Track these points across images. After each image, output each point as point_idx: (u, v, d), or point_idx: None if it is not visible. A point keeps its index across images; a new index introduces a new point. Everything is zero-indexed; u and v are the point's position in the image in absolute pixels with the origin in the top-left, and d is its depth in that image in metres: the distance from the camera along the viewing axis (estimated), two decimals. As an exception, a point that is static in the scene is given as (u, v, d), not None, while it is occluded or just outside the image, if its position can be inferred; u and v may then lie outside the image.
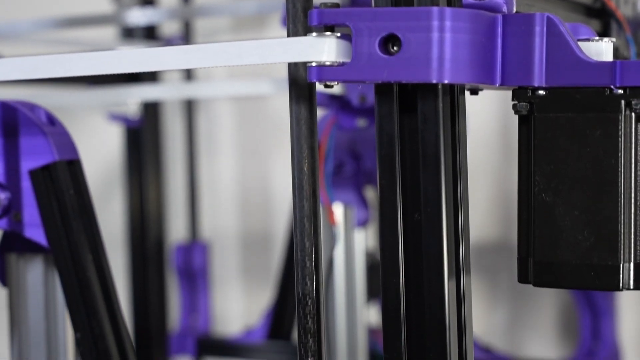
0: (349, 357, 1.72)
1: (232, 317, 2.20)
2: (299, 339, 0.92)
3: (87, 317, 1.09)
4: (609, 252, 0.84)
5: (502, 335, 1.95)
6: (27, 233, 1.11)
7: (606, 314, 1.73)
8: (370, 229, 1.81)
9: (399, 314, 0.87)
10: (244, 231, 2.21)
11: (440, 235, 0.86)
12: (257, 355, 1.95)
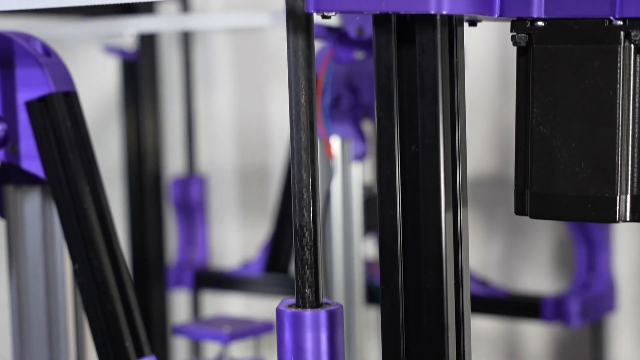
0: (346, 289, 1.73)
1: (230, 250, 2.22)
2: (296, 270, 0.93)
3: (85, 249, 1.10)
4: (605, 184, 0.84)
5: (498, 268, 1.96)
6: (24, 165, 1.11)
7: (602, 247, 1.74)
8: (367, 162, 1.81)
9: (396, 245, 0.88)
10: (241, 164, 2.21)
11: (437, 167, 0.86)
12: (255, 288, 1.96)
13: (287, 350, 0.93)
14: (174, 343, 2.10)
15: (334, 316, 0.92)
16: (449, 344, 0.87)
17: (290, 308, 0.93)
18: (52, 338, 1.17)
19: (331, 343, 0.92)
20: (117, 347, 1.09)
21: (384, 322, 0.88)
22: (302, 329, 0.92)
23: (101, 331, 1.10)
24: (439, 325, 0.87)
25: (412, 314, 0.88)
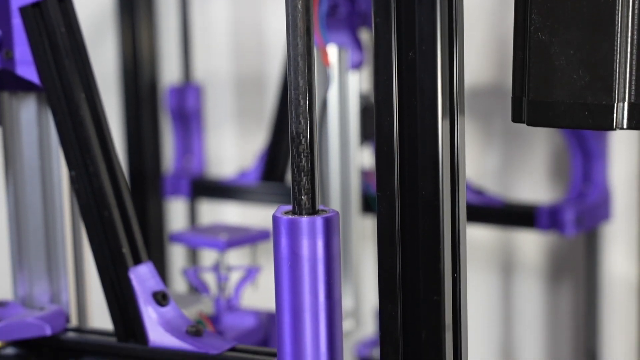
0: (342, 198, 1.74)
1: (226, 159, 2.22)
2: (292, 177, 0.93)
3: (81, 155, 1.10)
4: (603, 92, 0.84)
5: (494, 177, 1.97)
6: (19, 71, 1.10)
7: (598, 157, 1.75)
8: (364, 71, 1.80)
9: (392, 152, 0.87)
10: (237, 73, 2.20)
11: (434, 73, 0.86)
12: (251, 196, 1.97)
13: (283, 257, 0.93)
14: (171, 251, 2.11)
15: (330, 223, 0.93)
16: (444, 251, 0.88)
17: (286, 215, 0.93)
18: (50, 245, 1.18)
19: (327, 250, 0.93)
20: (115, 253, 1.10)
21: (380, 228, 0.89)
22: (299, 236, 0.92)
23: (98, 238, 1.10)
24: (435, 233, 0.87)
25: (408, 221, 0.88)
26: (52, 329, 1.12)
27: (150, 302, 1.09)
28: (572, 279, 1.94)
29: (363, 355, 1.89)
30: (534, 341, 1.99)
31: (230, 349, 1.07)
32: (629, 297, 1.89)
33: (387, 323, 0.89)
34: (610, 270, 1.89)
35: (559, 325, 1.97)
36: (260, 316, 1.44)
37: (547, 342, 1.98)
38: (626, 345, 1.91)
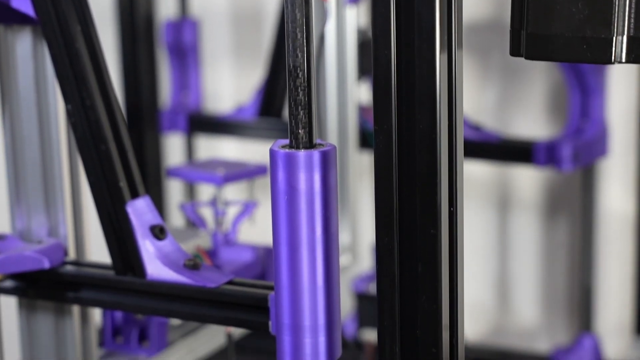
0: (339, 134, 1.74)
1: (223, 94, 2.21)
2: (289, 111, 0.93)
3: (77, 89, 1.09)
4: (602, 25, 0.83)
5: (491, 113, 1.97)
6: (14, 4, 1.10)
7: (596, 92, 1.74)
8: (362, 5, 1.79)
9: (390, 86, 0.87)
10: (234, 7, 2.18)
11: (433, 6, 0.85)
12: (248, 132, 1.96)
13: (280, 191, 0.93)
14: (168, 185, 2.12)
15: (327, 157, 0.93)
16: (441, 185, 0.88)
17: (283, 149, 0.93)
18: (47, 178, 1.18)
19: (324, 184, 0.93)
20: (112, 187, 1.10)
21: (377, 162, 0.89)
22: (296, 170, 0.92)
23: (95, 171, 1.10)
24: (432, 166, 0.87)
25: (405, 155, 0.88)
26: (50, 262, 1.13)
27: (147, 236, 1.09)
28: (568, 214, 1.95)
29: (360, 290, 1.90)
30: (530, 276, 2.00)
31: (227, 282, 1.07)
32: (625, 233, 1.90)
33: (383, 256, 0.90)
34: (606, 205, 1.90)
35: (554, 261, 1.98)
36: (257, 251, 1.45)
37: (542, 277, 1.99)
38: (621, 281, 1.92)
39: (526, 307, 2.01)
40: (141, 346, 1.32)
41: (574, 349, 1.85)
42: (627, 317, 1.90)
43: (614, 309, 1.93)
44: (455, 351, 0.91)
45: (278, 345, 0.96)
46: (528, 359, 1.90)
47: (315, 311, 0.94)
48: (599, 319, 1.93)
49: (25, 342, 1.23)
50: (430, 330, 0.89)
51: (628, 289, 1.90)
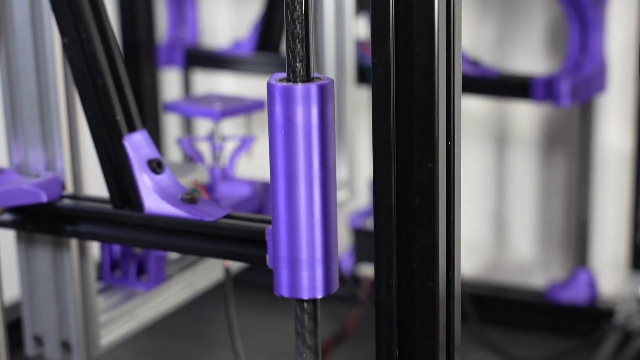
0: (337, 69, 1.73)
1: (221, 28, 2.19)
2: (287, 44, 0.92)
3: (73, 22, 1.08)
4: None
5: (490, 49, 1.96)
6: None
7: (595, 27, 1.73)
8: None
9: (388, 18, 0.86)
10: (231, -59, 2.16)
11: (431, -62, 0.84)
12: (246, 67, 1.96)
13: (277, 125, 0.93)
14: (165, 120, 2.11)
15: (325, 90, 0.93)
16: (439, 119, 0.87)
17: (281, 82, 0.93)
18: (44, 112, 1.17)
19: (322, 117, 0.93)
20: (109, 120, 1.10)
21: (375, 96, 0.88)
22: (293, 103, 0.92)
23: (92, 105, 1.10)
24: (430, 99, 0.87)
25: (402, 88, 0.88)
26: (47, 196, 1.13)
27: (145, 170, 1.09)
28: (566, 150, 1.95)
29: (357, 226, 1.91)
30: (526, 212, 2.00)
31: (225, 216, 1.08)
32: (622, 169, 1.90)
33: (381, 190, 0.90)
34: (604, 141, 1.90)
35: (551, 196, 1.98)
36: (254, 185, 1.45)
37: (539, 213, 2.00)
38: (617, 216, 1.93)
39: (522, 243, 2.02)
40: (139, 280, 1.33)
41: (569, 284, 1.87)
42: (622, 252, 1.91)
43: (610, 244, 1.94)
44: (452, 285, 0.92)
45: (275, 279, 0.96)
46: (523, 294, 1.91)
47: (313, 244, 0.94)
48: (595, 254, 1.94)
49: (24, 276, 1.24)
50: (426, 263, 0.89)
51: (624, 224, 1.90)
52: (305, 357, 0.97)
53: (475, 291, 1.90)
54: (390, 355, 0.92)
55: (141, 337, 1.76)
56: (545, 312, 1.87)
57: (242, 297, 1.91)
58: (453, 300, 0.92)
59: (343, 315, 1.89)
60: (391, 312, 0.91)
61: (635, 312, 1.74)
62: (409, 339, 0.91)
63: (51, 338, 1.24)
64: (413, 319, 0.91)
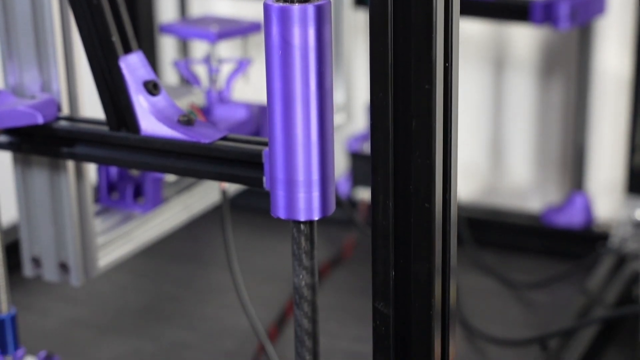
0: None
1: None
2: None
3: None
4: None
5: (489, -29, 1.94)
6: None
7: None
8: None
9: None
10: None
11: None
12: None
13: (274, 46, 0.92)
14: (161, 42, 2.10)
15: (322, 11, 0.92)
16: (436, 40, 0.87)
17: (277, 2, 0.92)
18: (38, 32, 1.16)
19: (319, 38, 0.92)
20: (104, 41, 1.09)
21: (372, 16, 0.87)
22: (290, 24, 0.91)
23: (87, 25, 1.09)
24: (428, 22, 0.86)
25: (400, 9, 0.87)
26: (43, 117, 1.12)
27: (141, 91, 1.09)
28: (564, 73, 1.94)
29: (354, 149, 1.91)
30: (523, 135, 2.00)
31: (221, 138, 1.07)
32: (620, 93, 1.90)
33: (378, 112, 0.89)
34: (602, 65, 1.89)
35: (548, 120, 1.98)
36: (251, 108, 1.44)
37: (536, 137, 2.00)
38: (614, 140, 1.93)
39: (519, 167, 2.02)
40: (136, 202, 1.33)
41: (565, 207, 1.87)
42: (618, 176, 1.92)
43: (606, 168, 1.94)
44: (448, 207, 0.92)
45: (272, 201, 0.97)
46: (519, 218, 1.92)
47: (309, 166, 0.94)
48: (591, 177, 1.94)
49: (21, 198, 1.24)
50: (423, 185, 0.89)
51: (620, 148, 1.90)
52: (301, 278, 0.98)
53: (471, 215, 1.91)
54: (387, 277, 0.93)
55: (138, 259, 1.78)
56: (540, 235, 1.88)
57: (239, 220, 1.92)
58: (449, 222, 0.92)
59: (340, 239, 1.90)
60: (388, 233, 0.91)
61: (630, 235, 1.75)
62: (405, 261, 0.92)
63: (49, 259, 1.24)
64: (409, 241, 0.91)
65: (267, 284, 1.75)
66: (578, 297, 1.60)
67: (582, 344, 1.46)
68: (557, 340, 1.46)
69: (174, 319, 1.67)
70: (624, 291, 1.63)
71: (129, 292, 1.77)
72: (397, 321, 0.94)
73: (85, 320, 1.67)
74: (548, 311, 1.67)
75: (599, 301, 1.58)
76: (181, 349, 1.57)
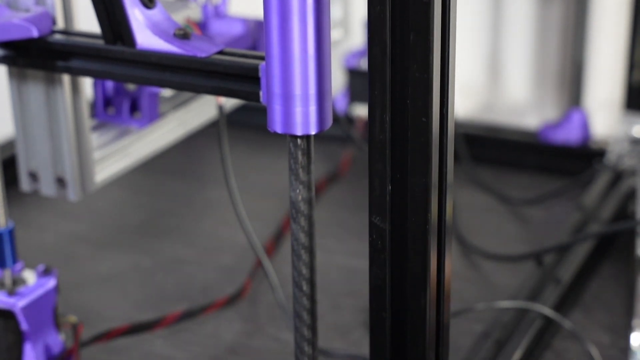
0: None
1: None
2: None
3: None
4: None
5: None
6: None
7: None
8: None
9: None
10: None
11: None
12: None
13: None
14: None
15: None
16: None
17: None
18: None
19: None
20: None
21: None
22: None
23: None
24: None
25: None
26: (38, 31, 1.11)
27: (136, 4, 1.08)
28: (563, -11, 1.93)
29: (351, 66, 1.90)
30: (522, 53, 1.99)
31: (218, 52, 1.07)
32: (619, 9, 1.88)
33: (375, 25, 0.89)
34: (602, -19, 1.88)
35: (547, 37, 1.97)
36: (247, 23, 1.43)
37: (534, 54, 1.99)
38: (613, 57, 1.92)
39: (517, 84, 2.02)
40: (133, 117, 1.33)
41: (562, 124, 1.87)
42: (616, 93, 1.91)
43: (604, 85, 1.94)
44: (445, 122, 0.92)
45: (269, 115, 0.96)
46: (516, 134, 1.92)
47: (306, 80, 0.94)
48: (589, 94, 1.94)
49: (17, 113, 1.24)
50: (420, 99, 0.89)
51: (619, 64, 1.90)
52: (298, 192, 0.98)
53: (468, 131, 1.91)
54: (383, 191, 0.93)
55: (136, 175, 1.78)
56: (537, 152, 1.88)
57: (235, 136, 1.92)
58: (446, 136, 0.92)
59: (337, 156, 1.90)
60: (384, 147, 0.91)
61: (627, 151, 1.75)
62: (401, 175, 0.92)
63: (46, 174, 1.25)
64: (406, 155, 0.91)
65: (264, 200, 1.76)
66: (574, 213, 1.61)
67: (577, 260, 1.47)
68: (552, 255, 1.47)
69: (171, 234, 1.67)
70: (619, 207, 1.63)
71: (126, 208, 1.78)
72: (393, 235, 0.94)
73: (83, 236, 1.67)
74: (544, 227, 1.68)
75: (595, 217, 1.59)
76: (179, 264, 1.58)
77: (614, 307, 1.44)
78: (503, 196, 1.76)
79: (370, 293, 0.97)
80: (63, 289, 1.34)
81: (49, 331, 1.20)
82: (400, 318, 0.96)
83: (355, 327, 1.40)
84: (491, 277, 1.53)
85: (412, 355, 0.97)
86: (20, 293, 1.18)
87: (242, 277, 1.52)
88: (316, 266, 1.01)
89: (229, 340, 1.38)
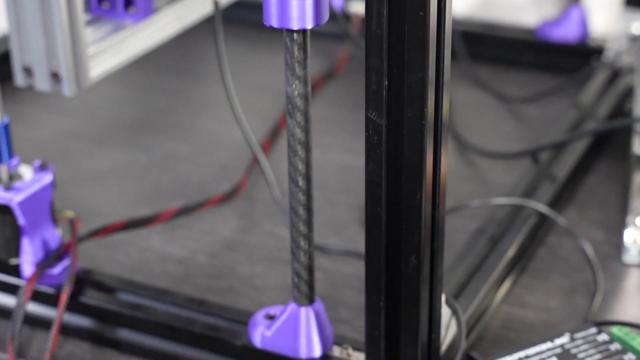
0: None
1: None
2: None
3: None
4: None
5: None
6: None
7: None
8: None
9: None
10: None
11: None
12: None
13: None
14: None
15: None
16: None
17: None
18: None
19: None
20: None
21: None
22: None
23: None
24: None
25: None
26: None
27: None
28: None
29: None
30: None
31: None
32: None
33: None
34: None
35: None
36: None
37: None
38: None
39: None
40: (127, 12, 1.31)
41: (560, 21, 1.85)
42: (616, -10, 1.89)
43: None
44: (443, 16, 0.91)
45: (265, 9, 0.95)
46: (514, 32, 1.91)
47: (303, -27, 0.92)
48: (589, -9, 1.92)
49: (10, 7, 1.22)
50: (418, -7, 0.88)
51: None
52: (294, 87, 0.98)
53: (466, 29, 1.89)
54: (380, 86, 0.92)
55: (131, 72, 1.77)
56: (535, 49, 1.86)
57: (231, 33, 1.90)
58: (443, 31, 0.92)
59: (333, 53, 1.89)
60: (381, 42, 0.91)
61: (625, 49, 1.74)
62: (398, 70, 0.91)
63: (40, 69, 1.24)
64: (403, 50, 0.91)
65: (260, 97, 1.75)
66: (570, 111, 1.61)
67: (573, 157, 1.47)
68: (548, 153, 1.47)
69: (167, 131, 1.67)
70: (616, 105, 1.63)
71: (122, 105, 1.78)
72: (389, 130, 0.94)
73: (79, 132, 1.67)
74: (540, 124, 1.67)
75: (591, 114, 1.59)
76: (175, 160, 1.58)
77: (608, 204, 1.45)
78: (500, 94, 1.75)
79: (366, 188, 0.97)
80: (59, 186, 1.35)
81: (46, 226, 1.21)
82: (395, 213, 0.97)
83: (351, 223, 1.41)
84: (487, 174, 1.53)
85: (407, 250, 0.97)
86: (16, 188, 1.18)
87: (238, 173, 1.52)
88: (312, 162, 1.01)
89: (225, 236, 1.39)
